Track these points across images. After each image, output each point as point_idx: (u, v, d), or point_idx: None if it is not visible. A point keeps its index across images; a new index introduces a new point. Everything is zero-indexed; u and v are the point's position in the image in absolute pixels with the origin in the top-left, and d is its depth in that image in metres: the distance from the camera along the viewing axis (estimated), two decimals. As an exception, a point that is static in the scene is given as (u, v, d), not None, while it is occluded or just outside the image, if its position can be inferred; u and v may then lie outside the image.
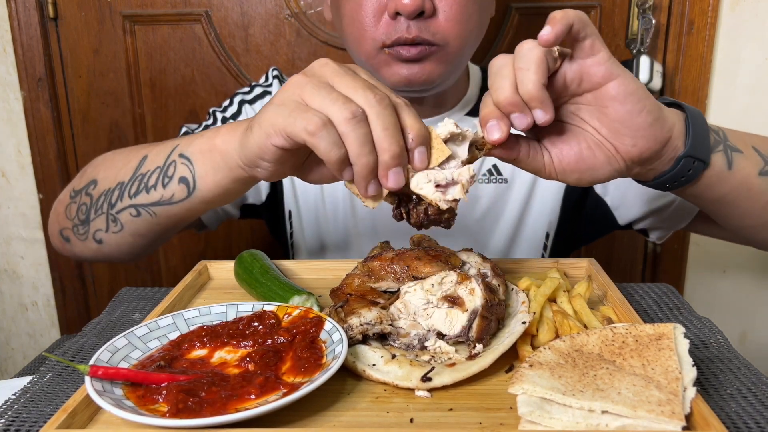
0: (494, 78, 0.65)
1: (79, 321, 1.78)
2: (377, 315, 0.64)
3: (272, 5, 1.52)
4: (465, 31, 0.92)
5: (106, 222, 0.89)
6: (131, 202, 0.86)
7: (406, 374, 0.59)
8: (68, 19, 1.55)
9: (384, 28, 0.91)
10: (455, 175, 0.64)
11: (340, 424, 0.54)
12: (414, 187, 0.63)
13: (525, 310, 0.68)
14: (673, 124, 0.69)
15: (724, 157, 0.74)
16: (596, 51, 0.63)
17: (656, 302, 0.81)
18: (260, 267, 0.82)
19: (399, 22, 0.89)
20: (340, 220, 1.12)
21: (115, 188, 0.88)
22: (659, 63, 1.51)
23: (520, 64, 0.62)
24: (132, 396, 0.55)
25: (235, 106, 1.14)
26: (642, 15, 1.49)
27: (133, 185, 0.86)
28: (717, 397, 0.58)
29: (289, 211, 1.15)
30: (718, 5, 1.45)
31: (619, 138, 0.66)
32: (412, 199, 0.66)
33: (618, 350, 0.58)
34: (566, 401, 0.51)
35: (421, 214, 0.65)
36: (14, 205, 1.72)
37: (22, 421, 0.57)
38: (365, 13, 0.91)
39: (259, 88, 1.16)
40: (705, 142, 0.71)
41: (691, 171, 0.71)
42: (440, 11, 0.90)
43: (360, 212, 1.11)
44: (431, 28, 0.90)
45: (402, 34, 0.89)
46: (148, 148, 0.88)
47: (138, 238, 0.90)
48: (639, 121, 0.65)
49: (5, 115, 1.64)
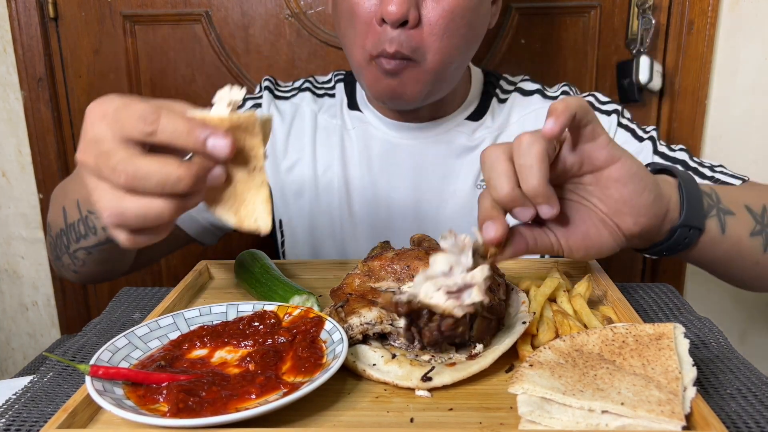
0: (490, 174, 0.62)
1: (79, 321, 1.78)
2: (377, 315, 0.64)
3: (272, 5, 1.52)
4: (447, 47, 0.90)
5: (70, 259, 0.91)
6: (78, 245, 0.86)
7: (407, 374, 0.59)
8: (68, 19, 1.55)
9: (372, 38, 0.90)
10: (467, 279, 0.58)
11: (340, 424, 0.54)
12: (423, 298, 0.58)
13: (525, 310, 0.68)
14: (670, 197, 0.69)
15: (717, 221, 0.75)
16: (597, 136, 0.63)
17: (656, 302, 0.81)
18: (260, 267, 0.83)
19: (385, 32, 0.88)
20: (336, 227, 1.10)
21: (61, 234, 0.89)
22: (659, 63, 1.51)
23: (521, 161, 0.60)
24: (132, 396, 0.55)
25: None
26: (642, 15, 1.49)
27: (71, 233, 0.86)
28: (717, 396, 0.59)
29: (280, 220, 1.13)
30: (717, 5, 1.45)
31: (621, 217, 0.66)
32: (422, 316, 0.60)
33: (618, 350, 0.58)
34: (566, 401, 0.51)
35: (434, 331, 0.59)
36: (14, 205, 1.72)
37: (22, 420, 0.57)
38: (359, 19, 0.90)
39: (249, 101, 1.13)
40: (699, 209, 0.72)
41: (687, 239, 0.72)
42: (425, 23, 0.88)
43: (358, 214, 1.09)
44: (413, 42, 0.88)
45: (384, 46, 0.88)
46: (62, 199, 0.87)
47: (107, 264, 0.91)
48: (641, 201, 0.66)
49: (5, 115, 1.64)
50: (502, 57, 1.52)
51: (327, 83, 1.17)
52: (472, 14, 0.90)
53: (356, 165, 1.09)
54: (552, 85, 1.15)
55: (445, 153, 1.07)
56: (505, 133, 1.09)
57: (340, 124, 1.10)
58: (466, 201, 1.07)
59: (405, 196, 1.08)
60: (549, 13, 1.48)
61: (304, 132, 1.10)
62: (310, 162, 1.10)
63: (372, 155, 1.08)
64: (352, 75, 1.14)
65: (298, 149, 1.10)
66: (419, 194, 1.08)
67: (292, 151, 1.10)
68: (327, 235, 1.11)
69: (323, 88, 1.15)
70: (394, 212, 1.09)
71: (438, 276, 0.59)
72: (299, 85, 1.15)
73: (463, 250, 0.61)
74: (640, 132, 1.05)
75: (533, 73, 1.20)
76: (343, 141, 1.10)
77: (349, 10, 0.91)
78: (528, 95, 1.11)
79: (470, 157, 1.07)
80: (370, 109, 1.09)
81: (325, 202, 1.10)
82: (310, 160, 1.10)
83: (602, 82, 1.56)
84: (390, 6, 0.85)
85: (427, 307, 0.59)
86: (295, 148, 1.10)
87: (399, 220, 1.08)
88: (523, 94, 1.12)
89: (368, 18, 0.90)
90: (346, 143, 1.10)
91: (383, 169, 1.08)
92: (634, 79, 1.48)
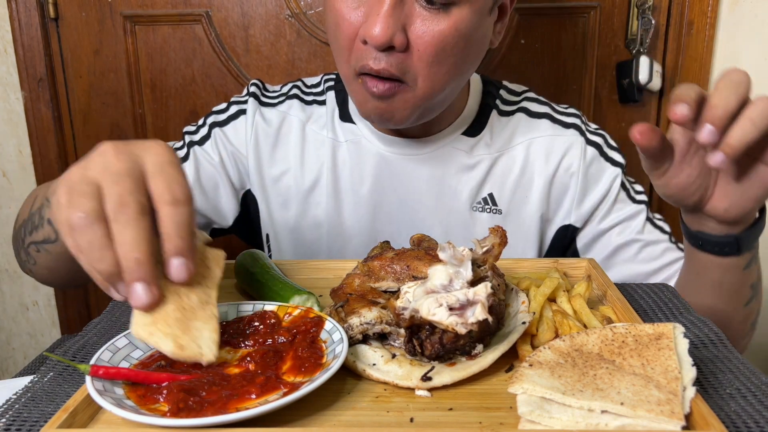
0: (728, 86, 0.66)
1: (79, 321, 1.78)
2: (377, 315, 0.64)
3: (272, 5, 1.52)
4: (438, 74, 0.85)
5: (26, 255, 0.89)
6: (30, 239, 0.85)
7: (407, 374, 0.59)
8: (69, 19, 1.56)
9: (356, 54, 0.85)
10: (470, 295, 0.58)
11: (340, 424, 0.54)
12: (425, 314, 0.58)
13: (525, 309, 0.68)
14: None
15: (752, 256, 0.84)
16: None
17: (656, 302, 0.81)
18: (260, 267, 0.82)
19: (369, 49, 0.83)
20: (323, 243, 1.07)
21: (22, 225, 0.87)
22: (659, 63, 1.51)
23: (752, 114, 0.64)
24: (133, 395, 0.55)
25: (206, 129, 1.07)
26: (641, 15, 1.49)
27: (29, 224, 0.85)
28: (716, 396, 0.59)
29: (267, 234, 1.10)
30: (717, 6, 1.46)
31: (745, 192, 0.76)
32: (424, 329, 0.60)
33: (617, 350, 0.58)
34: (566, 401, 0.51)
35: (436, 344, 0.59)
36: (15, 205, 1.72)
37: (23, 420, 0.57)
38: (342, 33, 0.85)
39: (234, 106, 1.08)
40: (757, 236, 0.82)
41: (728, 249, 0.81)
42: (414, 48, 0.82)
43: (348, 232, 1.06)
44: (403, 65, 0.83)
45: (369, 62, 0.83)
46: (44, 188, 0.86)
47: (52, 271, 0.89)
48: None
49: (6, 116, 1.64)
50: (502, 58, 1.52)
51: (315, 87, 1.11)
52: (465, 40, 0.85)
53: (348, 179, 1.04)
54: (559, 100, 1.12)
55: (441, 171, 1.03)
56: (506, 155, 1.04)
57: (332, 137, 1.05)
58: (460, 222, 1.04)
59: (397, 214, 1.05)
60: (549, 14, 1.49)
61: (291, 143, 1.06)
62: (297, 174, 1.05)
63: (365, 170, 1.04)
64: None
65: (284, 160, 1.06)
66: (412, 213, 1.04)
67: (279, 162, 1.06)
68: (313, 251, 1.08)
69: (312, 94, 1.10)
70: (385, 231, 1.05)
71: (438, 288, 0.60)
72: (287, 91, 1.10)
73: (462, 261, 0.61)
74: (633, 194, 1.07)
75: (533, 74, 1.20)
76: (334, 154, 1.05)
77: (334, 22, 0.86)
78: (535, 117, 1.06)
79: (466, 177, 1.03)
80: (363, 122, 1.04)
81: (312, 217, 1.06)
82: (297, 172, 1.05)
83: (602, 82, 1.57)
84: (374, 28, 0.80)
85: (429, 323, 0.59)
86: (282, 158, 1.06)
87: (390, 238, 0.98)
88: (529, 115, 1.06)
89: (351, 34, 0.85)
90: (338, 156, 1.05)
91: (376, 185, 1.04)
92: (633, 80, 1.48)
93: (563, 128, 1.05)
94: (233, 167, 1.07)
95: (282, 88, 1.12)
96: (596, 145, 1.05)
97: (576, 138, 1.04)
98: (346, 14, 0.84)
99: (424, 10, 0.82)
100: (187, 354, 0.56)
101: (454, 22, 0.82)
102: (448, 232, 1.04)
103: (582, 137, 1.04)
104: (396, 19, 0.81)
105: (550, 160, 1.04)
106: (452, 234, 1.04)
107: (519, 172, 1.04)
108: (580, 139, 1.04)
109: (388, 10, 0.80)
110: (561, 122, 1.06)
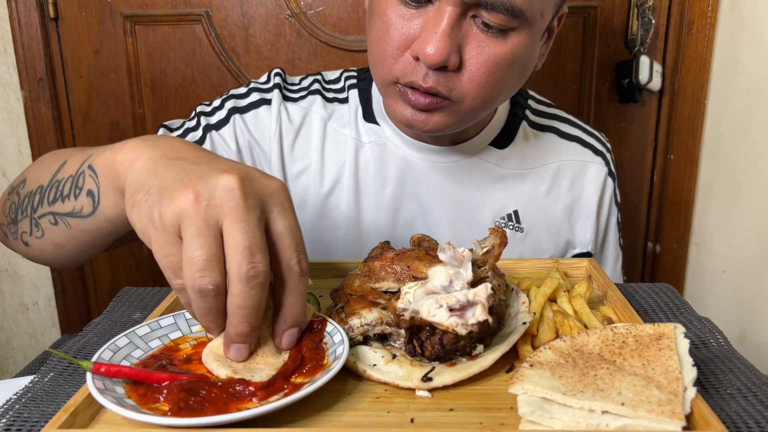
0: None
1: (79, 321, 1.78)
2: (378, 316, 0.64)
3: (272, 5, 1.52)
4: (488, 95, 0.83)
5: (30, 225, 0.81)
6: (50, 209, 0.77)
7: (407, 374, 0.59)
8: (69, 19, 1.56)
9: (402, 66, 0.82)
10: (470, 296, 0.58)
11: (340, 424, 0.54)
12: (425, 315, 0.58)
13: (525, 310, 0.68)
14: None
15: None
16: None
17: (656, 302, 0.81)
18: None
19: (419, 65, 0.80)
20: (340, 246, 1.04)
21: (36, 191, 0.78)
22: (659, 63, 1.51)
23: None
24: (133, 395, 0.55)
25: (224, 112, 1.01)
26: (641, 15, 1.49)
27: (51, 191, 0.77)
28: (717, 397, 0.59)
29: None
30: (717, 6, 1.46)
31: None
32: (424, 330, 0.60)
33: (618, 350, 0.58)
34: (567, 401, 0.51)
35: (437, 345, 0.59)
36: (15, 205, 1.72)
37: (23, 421, 0.57)
38: (390, 42, 0.82)
39: (255, 93, 1.03)
40: None
41: None
42: (466, 69, 0.80)
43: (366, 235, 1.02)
44: (451, 83, 0.81)
45: (417, 80, 0.81)
46: (70, 153, 0.78)
47: (59, 248, 0.81)
48: None
49: (6, 116, 1.64)
50: (502, 57, 1.52)
51: (335, 83, 1.07)
52: (519, 64, 0.83)
53: (370, 181, 1.01)
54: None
55: (467, 181, 1.01)
56: (535, 173, 1.03)
57: (355, 137, 1.01)
58: (479, 234, 1.00)
59: (417, 221, 1.02)
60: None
61: (312, 140, 1.02)
62: (317, 172, 1.02)
63: (388, 173, 1.01)
64: (365, 79, 1.06)
65: (304, 158, 1.02)
66: (433, 221, 1.02)
67: (299, 160, 1.02)
68: (329, 253, 1.04)
69: (332, 91, 1.06)
70: (404, 236, 1.02)
71: (438, 289, 0.60)
72: (308, 86, 1.06)
73: (462, 262, 0.61)
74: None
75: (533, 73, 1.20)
76: (357, 154, 1.01)
77: (383, 29, 0.83)
78: (566, 139, 1.06)
79: (491, 189, 1.01)
80: (388, 123, 1.01)
81: (330, 219, 1.03)
82: (317, 170, 1.02)
83: (602, 82, 1.57)
84: (429, 47, 0.77)
85: (429, 324, 0.59)
86: (302, 156, 1.02)
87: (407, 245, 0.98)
88: (560, 135, 1.06)
89: (402, 45, 0.81)
90: (361, 157, 1.01)
91: (398, 190, 1.01)
92: (633, 80, 1.48)
93: (593, 154, 1.07)
94: (249, 158, 1.01)
95: (302, 81, 1.07)
96: (614, 178, 1.09)
97: (601, 168, 1.07)
98: (397, 24, 0.81)
99: (481, 33, 0.80)
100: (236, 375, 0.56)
101: (510, 48, 0.81)
102: (466, 243, 1.02)
103: (606, 168, 1.07)
104: (453, 39, 0.78)
105: (575, 185, 1.06)
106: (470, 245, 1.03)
107: (545, 193, 1.04)
108: (604, 170, 1.07)
109: (446, 29, 0.77)
110: (591, 147, 1.07)
